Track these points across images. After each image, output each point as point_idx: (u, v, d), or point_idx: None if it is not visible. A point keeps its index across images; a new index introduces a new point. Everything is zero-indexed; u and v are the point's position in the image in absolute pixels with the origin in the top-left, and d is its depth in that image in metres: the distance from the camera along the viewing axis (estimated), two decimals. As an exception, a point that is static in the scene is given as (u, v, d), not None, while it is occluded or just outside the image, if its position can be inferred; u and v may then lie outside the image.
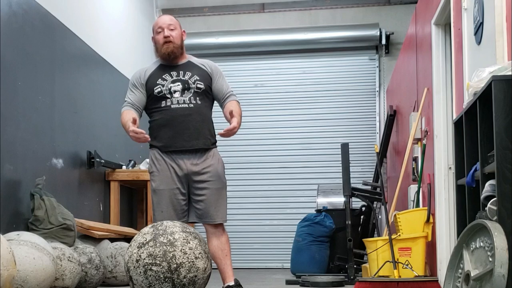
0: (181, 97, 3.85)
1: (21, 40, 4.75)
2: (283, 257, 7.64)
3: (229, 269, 3.87)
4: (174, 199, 3.85)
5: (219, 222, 3.88)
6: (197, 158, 3.86)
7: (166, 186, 3.86)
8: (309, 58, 8.20)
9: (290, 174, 8.03)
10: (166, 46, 3.91)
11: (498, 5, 3.01)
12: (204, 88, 3.90)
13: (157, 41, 3.96)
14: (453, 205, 4.21)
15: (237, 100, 3.95)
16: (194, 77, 3.90)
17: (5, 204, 4.36)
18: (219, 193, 3.89)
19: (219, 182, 3.89)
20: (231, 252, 3.95)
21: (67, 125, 5.46)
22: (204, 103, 3.90)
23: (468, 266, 2.48)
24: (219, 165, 3.91)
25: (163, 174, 3.87)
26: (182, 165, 3.85)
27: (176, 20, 4.02)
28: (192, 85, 3.87)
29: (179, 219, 3.84)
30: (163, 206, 3.86)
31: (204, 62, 4.03)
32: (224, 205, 3.91)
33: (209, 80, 3.95)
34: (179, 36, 3.96)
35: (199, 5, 8.35)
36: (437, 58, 4.77)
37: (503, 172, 2.36)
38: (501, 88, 2.41)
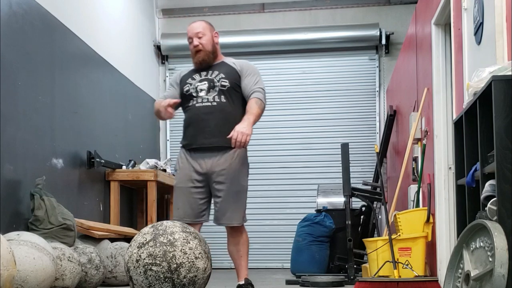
0: (206, 95, 3.91)
1: (21, 40, 4.75)
2: (283, 257, 7.64)
3: (243, 269, 3.94)
4: (191, 197, 3.90)
5: (234, 225, 3.90)
6: (219, 158, 3.87)
7: (184, 184, 3.92)
8: (309, 58, 8.19)
9: (290, 174, 8.03)
10: (197, 55, 3.99)
11: (498, 5, 3.01)
12: (230, 85, 3.91)
13: (190, 50, 4.04)
14: (453, 205, 4.21)
15: (258, 98, 3.88)
16: (220, 75, 3.94)
17: (5, 204, 4.36)
18: (236, 196, 3.89)
19: (237, 184, 3.89)
20: (248, 252, 3.99)
21: (67, 125, 5.46)
22: (230, 101, 3.91)
23: (468, 266, 2.48)
24: (241, 167, 3.90)
25: (183, 173, 3.93)
26: (202, 164, 3.88)
27: (205, 25, 4.04)
28: (216, 83, 3.91)
29: (196, 218, 3.90)
30: (179, 203, 3.93)
31: (237, 61, 4.05)
32: (241, 208, 3.90)
33: (237, 77, 3.95)
34: (209, 41, 4.00)
35: (199, 5, 8.35)
36: (437, 58, 4.77)
37: (503, 172, 2.36)
38: (501, 88, 2.40)
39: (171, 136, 8.31)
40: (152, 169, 6.36)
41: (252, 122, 3.75)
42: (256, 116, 3.81)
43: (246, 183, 3.95)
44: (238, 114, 3.88)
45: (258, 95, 3.90)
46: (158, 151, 8.14)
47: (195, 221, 3.91)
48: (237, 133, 3.66)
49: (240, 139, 3.65)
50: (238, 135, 3.64)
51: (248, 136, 3.67)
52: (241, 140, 3.65)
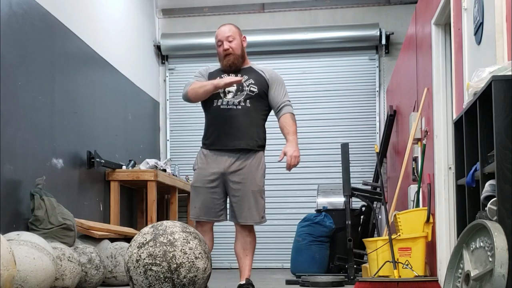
0: (233, 98, 3.97)
1: (21, 40, 4.75)
2: (283, 257, 7.64)
3: (246, 269, 4.02)
4: (208, 197, 3.97)
5: (250, 224, 4.00)
6: (237, 158, 3.97)
7: (202, 184, 3.98)
8: (309, 58, 8.19)
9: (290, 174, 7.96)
10: (227, 58, 4.04)
11: (498, 5, 3.01)
12: (258, 92, 4.00)
13: (219, 53, 4.09)
14: (453, 205, 4.21)
15: (291, 112, 4.06)
16: (249, 81, 4.01)
17: (5, 204, 4.36)
18: (253, 196, 3.97)
19: (254, 184, 3.98)
20: (254, 253, 4.09)
21: (67, 125, 5.46)
22: (255, 107, 4.01)
23: (468, 266, 2.48)
24: (258, 167, 4.01)
25: (202, 173, 3.99)
26: (221, 163, 3.96)
27: (235, 29, 4.10)
28: (245, 88, 3.98)
29: (213, 217, 4.00)
30: (196, 202, 3.99)
31: (265, 69, 4.15)
32: (257, 208, 4.00)
33: (266, 86, 4.05)
34: (239, 45, 4.06)
35: (199, 5, 8.35)
36: (437, 58, 4.77)
37: (503, 172, 2.36)
38: (501, 88, 2.40)
39: (171, 136, 8.31)
40: (152, 169, 6.36)
41: (297, 142, 4.00)
42: (296, 134, 4.04)
43: (262, 184, 4.06)
44: (259, 120, 4.06)
45: (290, 109, 4.08)
46: (158, 151, 8.14)
47: (211, 220, 3.99)
48: (291, 157, 3.91)
49: (294, 162, 3.94)
50: (292, 159, 3.93)
51: (299, 157, 3.95)
52: (295, 163, 3.95)
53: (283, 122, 4.04)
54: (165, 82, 8.31)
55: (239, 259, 4.02)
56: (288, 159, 3.91)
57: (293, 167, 3.95)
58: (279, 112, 4.07)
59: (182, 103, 8.01)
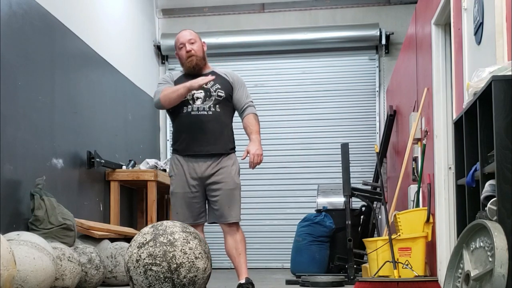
0: (202, 104, 4.02)
1: (21, 40, 4.75)
2: (283, 257, 7.63)
3: (243, 268, 4.03)
4: (189, 201, 4.03)
5: (233, 222, 4.04)
6: (212, 162, 4.02)
7: (181, 190, 4.04)
8: (309, 58, 8.19)
9: (290, 174, 8.03)
10: (190, 60, 4.09)
11: (498, 5, 3.01)
12: (225, 96, 4.07)
13: (181, 56, 4.14)
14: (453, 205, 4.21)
15: (254, 113, 4.14)
16: (216, 86, 4.06)
17: (5, 204, 4.36)
18: (232, 194, 4.05)
19: (232, 182, 4.04)
20: (246, 250, 4.10)
21: (67, 125, 5.46)
22: (224, 111, 4.07)
23: (468, 266, 2.48)
24: (233, 166, 4.07)
25: (179, 178, 4.05)
26: (197, 168, 4.01)
27: (195, 34, 4.19)
28: (213, 93, 4.04)
29: (195, 220, 4.06)
30: (178, 208, 4.06)
31: (227, 72, 4.21)
32: (237, 205, 4.07)
33: (230, 89, 4.12)
34: (200, 48, 4.13)
35: (199, 5, 8.35)
36: (437, 58, 4.77)
37: (503, 172, 2.36)
38: (501, 88, 2.41)
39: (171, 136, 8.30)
40: (152, 169, 6.36)
41: (260, 140, 4.06)
42: (259, 133, 4.10)
43: (239, 182, 4.12)
44: (229, 123, 4.14)
45: (254, 110, 4.16)
46: (158, 151, 8.14)
47: (195, 223, 4.04)
48: (254, 155, 3.97)
49: (257, 160, 3.99)
50: (255, 157, 3.97)
51: (262, 155, 4.02)
52: (258, 161, 4.00)
53: (246, 122, 4.11)
54: (165, 82, 8.30)
55: (233, 259, 4.06)
56: (251, 157, 3.97)
57: (257, 165, 4.02)
58: (243, 113, 4.14)
59: (182, 103, 8.03)
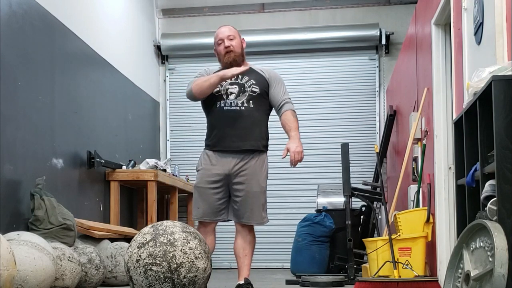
0: (235, 99, 4.00)
1: (21, 40, 4.75)
2: (283, 257, 7.64)
3: (245, 269, 4.03)
4: (212, 198, 3.99)
5: (252, 224, 4.04)
6: (241, 159, 3.99)
7: (205, 185, 4.00)
8: (309, 58, 8.19)
9: (290, 174, 8.01)
10: (227, 56, 4.07)
11: (498, 5, 3.01)
12: (259, 92, 4.03)
13: (219, 52, 4.12)
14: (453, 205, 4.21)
15: (292, 109, 4.09)
16: (251, 81, 4.04)
17: (5, 204, 4.36)
18: (255, 196, 4.01)
19: (257, 185, 4.01)
20: (253, 253, 4.11)
21: (67, 125, 5.46)
22: (258, 107, 4.03)
23: (468, 266, 2.48)
24: (261, 168, 4.05)
25: (205, 173, 4.01)
26: (225, 164, 3.98)
27: (235, 30, 4.16)
28: (247, 89, 4.02)
29: (215, 217, 4.02)
30: (199, 203, 4.01)
31: (264, 68, 4.19)
32: (259, 208, 4.03)
33: (266, 85, 4.09)
34: (239, 45, 4.11)
35: (199, 5, 8.35)
36: (437, 58, 4.77)
37: (503, 172, 2.36)
38: (501, 88, 2.41)
39: (171, 136, 8.31)
40: (152, 169, 6.36)
41: (299, 137, 4.02)
42: (299, 130, 4.07)
43: (265, 185, 4.09)
44: (263, 120, 4.09)
45: (291, 106, 4.11)
46: (158, 151, 8.14)
47: (214, 220, 4.02)
48: (295, 153, 3.92)
49: (298, 158, 3.95)
50: (296, 155, 3.94)
51: (303, 152, 3.97)
52: (299, 159, 3.95)
53: (284, 120, 4.07)
54: (165, 82, 8.31)
55: (238, 259, 4.04)
56: (292, 155, 3.93)
57: (298, 163, 3.97)
58: (280, 110, 4.09)
59: (182, 103, 8.03)
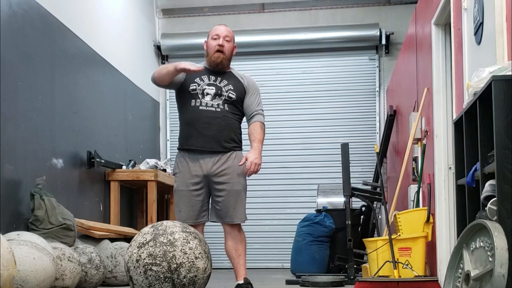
0: (211, 101, 3.99)
1: (21, 40, 4.75)
2: (283, 257, 7.63)
3: (242, 269, 4.02)
4: (192, 199, 3.99)
5: (237, 222, 4.01)
6: (218, 160, 3.98)
7: (185, 187, 4.00)
8: (309, 58, 8.19)
9: (290, 174, 8.03)
10: (217, 54, 4.06)
11: (498, 5, 3.01)
12: (235, 99, 4.04)
13: (210, 46, 4.10)
14: (453, 205, 4.21)
15: (261, 122, 4.10)
16: (229, 86, 4.04)
17: (5, 204, 4.36)
18: (238, 194, 4.00)
19: (238, 184, 4.01)
20: (246, 251, 4.08)
21: (67, 125, 5.46)
22: (232, 111, 4.04)
23: (468, 266, 2.48)
24: (240, 167, 4.01)
25: (183, 176, 4.01)
26: (203, 165, 3.98)
27: (232, 34, 4.16)
28: (224, 93, 4.01)
29: (197, 219, 4.01)
30: (181, 206, 4.01)
31: (244, 76, 4.18)
32: (242, 206, 4.03)
33: (243, 93, 4.09)
34: (230, 49, 4.12)
35: (199, 5, 8.35)
36: (437, 58, 4.77)
37: (503, 172, 2.36)
38: (501, 88, 2.41)
39: (171, 136, 8.31)
40: (152, 169, 6.36)
41: (261, 150, 4.01)
42: (262, 143, 4.06)
43: (245, 182, 4.08)
44: (236, 125, 4.09)
45: (261, 118, 4.12)
46: (158, 151, 8.14)
47: (197, 222, 4.02)
48: (251, 163, 3.91)
49: (254, 169, 3.93)
50: (252, 165, 3.92)
51: (260, 165, 3.96)
52: (255, 170, 3.94)
53: (251, 129, 4.07)
54: (165, 82, 8.30)
55: (232, 260, 4.04)
56: (248, 165, 3.92)
57: (252, 174, 3.97)
58: (251, 119, 4.11)
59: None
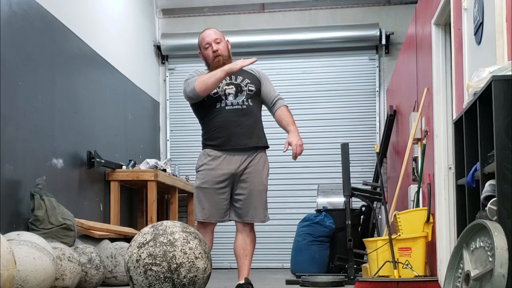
0: (235, 99, 4.03)
1: (21, 40, 4.75)
2: (283, 257, 7.64)
3: (245, 269, 4.04)
4: (217, 197, 3.99)
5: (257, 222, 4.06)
6: (247, 157, 4.02)
7: (210, 185, 3.98)
8: (309, 58, 8.19)
9: (290, 174, 8.02)
10: (217, 60, 4.07)
11: (498, 5, 3.01)
12: (255, 90, 4.09)
13: (207, 56, 4.11)
14: (453, 205, 4.21)
15: (285, 105, 4.17)
16: (246, 81, 4.08)
17: (5, 204, 4.36)
18: (259, 194, 4.04)
19: (260, 183, 4.04)
20: (253, 253, 4.12)
21: (67, 125, 5.46)
22: (255, 105, 4.10)
23: (468, 266, 2.48)
24: (264, 166, 4.07)
25: (210, 173, 3.99)
26: (232, 164, 3.99)
27: (219, 33, 4.17)
28: (244, 88, 4.05)
29: (221, 217, 4.02)
30: (205, 204, 3.98)
31: (253, 67, 4.20)
32: (263, 206, 4.07)
33: (259, 83, 4.14)
34: (225, 47, 4.13)
35: (199, 5, 8.35)
36: (437, 58, 4.77)
37: (503, 172, 2.36)
38: (501, 88, 2.41)
39: (171, 136, 8.31)
40: (152, 169, 6.36)
41: (298, 131, 4.09)
42: (295, 124, 4.14)
43: (267, 183, 4.11)
44: (260, 118, 4.16)
45: (284, 102, 4.20)
46: (158, 151, 8.14)
47: (219, 220, 4.03)
48: (296, 146, 3.98)
49: (300, 151, 4.01)
50: (297, 148, 3.98)
51: (303, 146, 4.04)
52: (301, 152, 4.01)
53: (280, 115, 4.13)
54: (165, 82, 8.31)
55: (238, 259, 4.04)
56: (294, 148, 3.98)
57: (299, 156, 4.02)
58: (274, 106, 4.14)
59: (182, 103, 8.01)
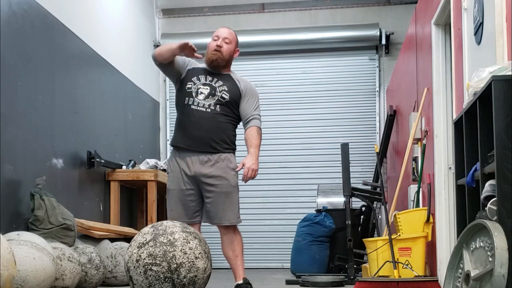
0: (203, 101, 3.98)
1: (21, 40, 4.75)
2: (283, 257, 7.63)
3: (240, 269, 4.01)
4: (183, 199, 3.98)
5: (226, 225, 3.98)
6: (206, 161, 3.97)
7: (176, 187, 4.00)
8: (309, 58, 8.19)
9: (290, 174, 8.03)
10: (213, 53, 4.06)
11: (498, 5, 3.01)
12: (228, 100, 4.01)
13: (210, 46, 4.11)
14: (453, 205, 4.21)
15: (258, 126, 4.07)
16: (223, 87, 4.02)
17: (5, 204, 4.36)
18: (227, 197, 3.97)
19: (227, 185, 3.98)
20: (243, 252, 4.07)
21: (67, 125, 5.46)
22: (224, 113, 4.01)
23: (468, 266, 2.48)
24: (228, 168, 3.99)
25: (175, 175, 4.01)
26: (190, 165, 3.97)
27: (234, 36, 4.15)
28: (217, 93, 4.00)
29: (190, 218, 3.99)
30: (172, 205, 4.01)
31: (242, 80, 4.16)
32: (232, 208, 4.00)
33: (238, 96, 4.06)
34: (230, 51, 4.10)
35: (199, 5, 8.35)
36: (437, 58, 4.77)
37: (503, 172, 2.36)
38: (501, 88, 2.41)
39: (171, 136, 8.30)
40: (152, 169, 6.36)
41: (258, 155, 4.00)
42: (259, 148, 4.04)
43: (236, 184, 4.04)
44: (227, 127, 4.04)
45: (258, 123, 4.08)
46: (158, 151, 8.14)
47: (190, 222, 3.98)
48: (248, 169, 3.92)
49: (251, 175, 3.94)
50: (249, 171, 3.93)
51: (257, 171, 3.96)
52: (252, 175, 3.94)
53: (248, 134, 4.05)
54: (165, 82, 8.31)
55: (230, 260, 4.03)
56: (245, 171, 3.93)
57: (249, 180, 3.96)
58: (247, 124, 4.08)
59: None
